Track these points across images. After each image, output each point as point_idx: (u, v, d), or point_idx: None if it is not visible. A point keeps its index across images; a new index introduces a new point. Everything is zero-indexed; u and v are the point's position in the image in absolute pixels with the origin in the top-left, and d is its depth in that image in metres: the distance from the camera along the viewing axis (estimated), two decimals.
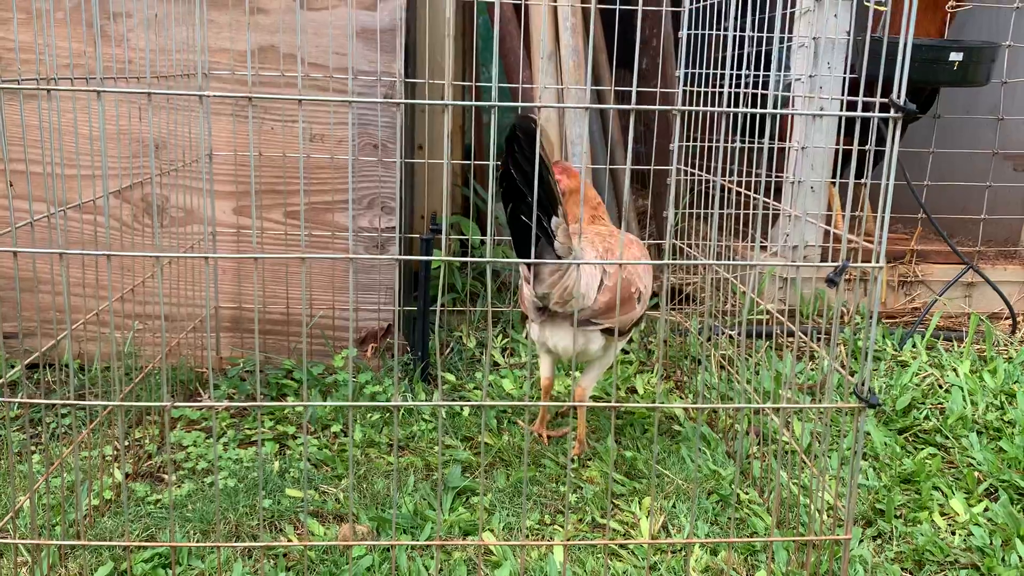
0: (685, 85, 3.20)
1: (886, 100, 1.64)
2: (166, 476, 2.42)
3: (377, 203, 3.10)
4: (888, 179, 1.64)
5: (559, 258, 2.14)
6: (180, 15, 2.63)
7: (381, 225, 3.11)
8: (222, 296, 3.11)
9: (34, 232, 1.75)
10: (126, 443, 2.50)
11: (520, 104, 1.89)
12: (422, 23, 3.29)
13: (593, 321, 2.31)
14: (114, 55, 2.53)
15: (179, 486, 2.32)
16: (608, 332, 2.36)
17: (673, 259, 3.30)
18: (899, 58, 1.60)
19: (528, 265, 2.21)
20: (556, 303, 2.25)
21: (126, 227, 2.98)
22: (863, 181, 3.19)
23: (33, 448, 2.46)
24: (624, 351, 3.34)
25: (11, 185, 1.63)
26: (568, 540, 2.03)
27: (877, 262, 1.68)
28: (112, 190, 2.83)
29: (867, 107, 1.77)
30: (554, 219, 2.08)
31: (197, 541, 2.06)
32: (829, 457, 2.46)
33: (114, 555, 1.97)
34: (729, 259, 3.67)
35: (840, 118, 3.59)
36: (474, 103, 1.63)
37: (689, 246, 3.45)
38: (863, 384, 1.75)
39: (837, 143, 3.67)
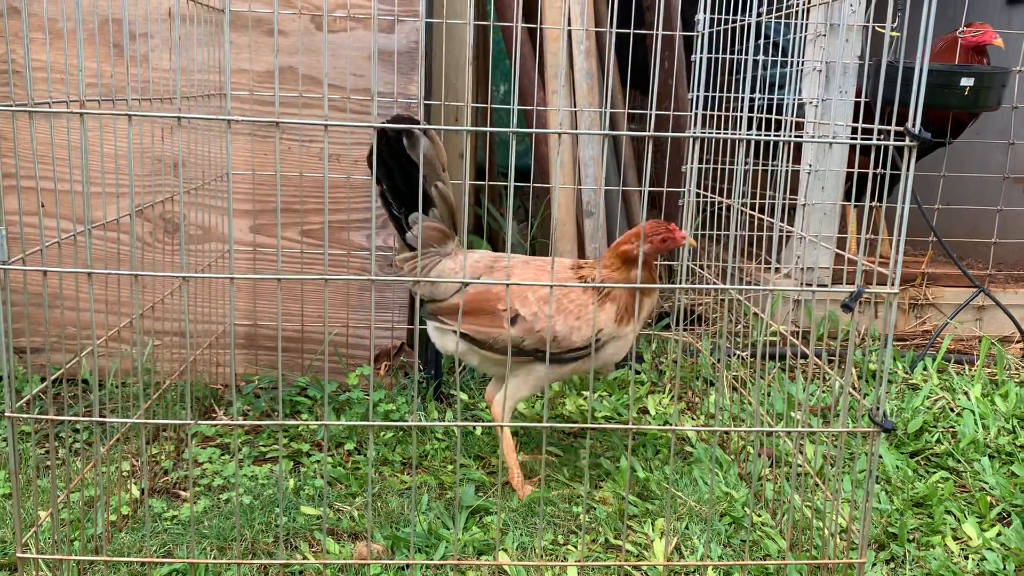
0: (698, 108, 3.23)
1: (900, 128, 1.66)
2: (182, 492, 2.44)
3: (391, 223, 3.13)
4: (903, 206, 1.66)
5: (409, 246, 2.47)
6: (201, 36, 2.68)
7: (396, 244, 3.13)
8: (237, 313, 3.14)
9: (61, 251, 1.78)
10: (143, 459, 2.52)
11: (536, 131, 1.92)
12: (438, 46, 3.33)
13: (440, 317, 2.45)
14: (139, 75, 2.57)
15: (195, 502, 2.34)
16: (472, 342, 2.43)
17: (686, 280, 3.32)
18: (914, 86, 1.62)
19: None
20: (413, 288, 2.52)
21: (145, 245, 3.01)
22: (878, 204, 3.19)
23: (49, 464, 2.48)
24: (636, 371, 3.35)
25: (43, 206, 1.66)
26: (582, 561, 2.04)
27: (892, 287, 1.70)
28: (130, 212, 2.86)
29: (881, 134, 1.79)
30: (415, 214, 2.39)
31: (214, 557, 2.08)
32: (841, 480, 2.46)
33: (132, 570, 1.99)
34: (740, 280, 3.68)
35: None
36: (494, 129, 1.66)
37: (701, 267, 3.46)
38: (877, 408, 1.76)
39: (851, 166, 3.69)
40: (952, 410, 3.03)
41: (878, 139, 1.77)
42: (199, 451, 2.63)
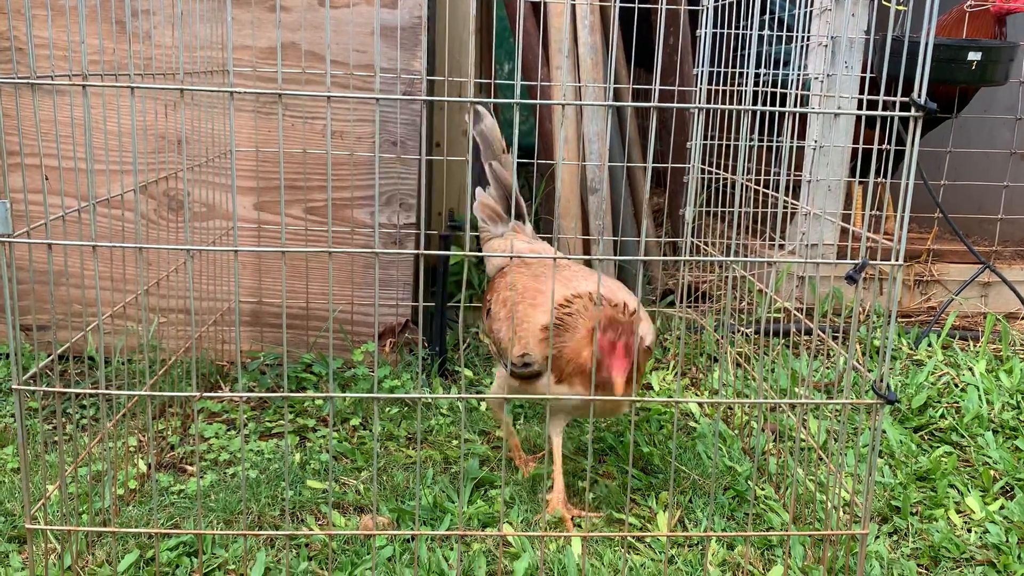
0: (704, 83, 3.22)
1: (906, 99, 1.65)
2: (188, 467, 2.46)
3: (395, 200, 3.13)
4: (908, 179, 1.65)
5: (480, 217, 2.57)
6: (204, 12, 2.67)
7: (400, 221, 3.14)
8: (242, 291, 3.15)
9: (65, 226, 1.78)
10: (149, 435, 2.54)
11: (540, 102, 1.91)
12: (442, 21, 3.32)
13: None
14: (141, 51, 2.57)
15: (202, 476, 2.36)
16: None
17: (690, 256, 3.32)
18: (920, 57, 1.61)
19: None
20: None
21: (150, 222, 3.02)
22: (883, 181, 3.18)
23: (57, 439, 2.49)
24: None
25: (47, 179, 1.66)
26: (586, 532, 2.05)
27: (896, 260, 1.69)
28: (134, 188, 2.87)
29: (886, 106, 1.78)
30: (477, 189, 2.53)
31: (220, 530, 2.09)
32: (845, 454, 2.47)
33: (140, 543, 2.01)
34: (745, 257, 3.67)
35: (861, 116, 3.60)
36: (498, 100, 1.66)
37: (705, 244, 3.46)
38: (881, 380, 1.76)
39: (856, 142, 3.67)
40: (956, 385, 3.03)
41: (883, 111, 1.76)
42: (205, 426, 2.65)
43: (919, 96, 1.62)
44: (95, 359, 2.28)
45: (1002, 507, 2.31)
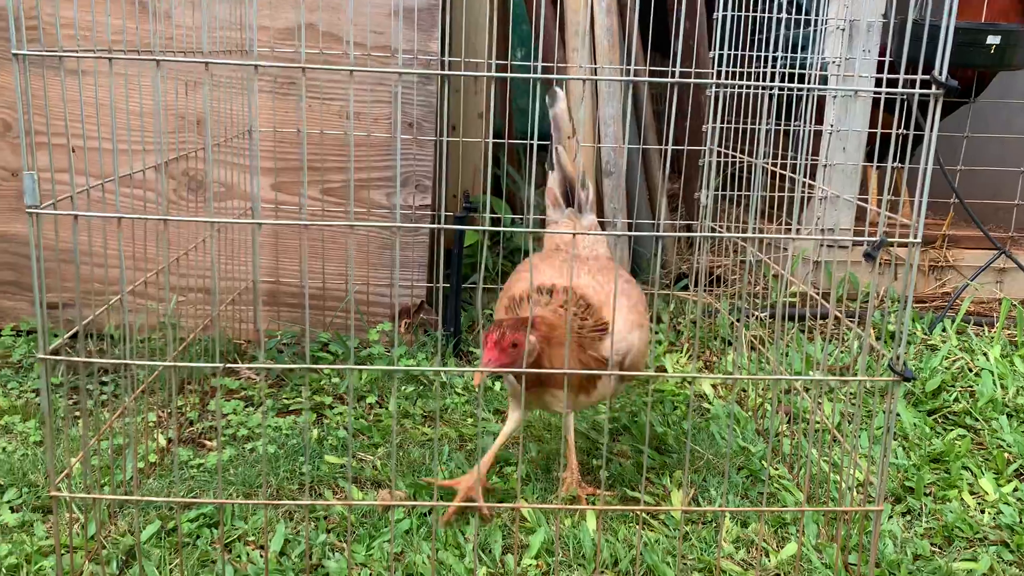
0: (721, 66, 3.21)
1: (926, 77, 1.65)
2: (207, 442, 2.49)
3: (411, 181, 3.15)
4: (928, 155, 1.65)
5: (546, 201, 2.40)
6: None
7: (415, 203, 3.15)
8: (260, 271, 3.17)
9: (89, 200, 1.80)
10: (168, 410, 2.57)
11: (557, 77, 1.91)
12: (459, 3, 3.32)
13: None
14: (162, 31, 2.58)
15: (221, 450, 2.38)
16: None
17: (706, 242, 3.31)
18: (942, 35, 1.61)
19: None
20: None
21: (170, 203, 3.04)
22: (900, 165, 3.17)
23: (77, 413, 2.53)
24: (653, 330, 3.36)
25: (73, 151, 1.69)
26: (601, 506, 2.07)
27: (915, 237, 1.70)
28: (157, 164, 2.89)
29: (906, 86, 1.78)
30: (550, 172, 2.36)
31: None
32: (859, 436, 2.48)
33: (161, 515, 2.04)
34: (760, 241, 3.67)
35: (879, 100, 3.58)
36: (516, 75, 1.67)
37: (721, 227, 3.46)
38: (898, 358, 1.77)
39: (873, 126, 3.66)
40: (970, 370, 3.03)
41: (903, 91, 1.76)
42: (223, 403, 2.67)
43: (939, 74, 1.62)
44: (115, 336, 2.31)
45: (1016, 489, 2.32)
